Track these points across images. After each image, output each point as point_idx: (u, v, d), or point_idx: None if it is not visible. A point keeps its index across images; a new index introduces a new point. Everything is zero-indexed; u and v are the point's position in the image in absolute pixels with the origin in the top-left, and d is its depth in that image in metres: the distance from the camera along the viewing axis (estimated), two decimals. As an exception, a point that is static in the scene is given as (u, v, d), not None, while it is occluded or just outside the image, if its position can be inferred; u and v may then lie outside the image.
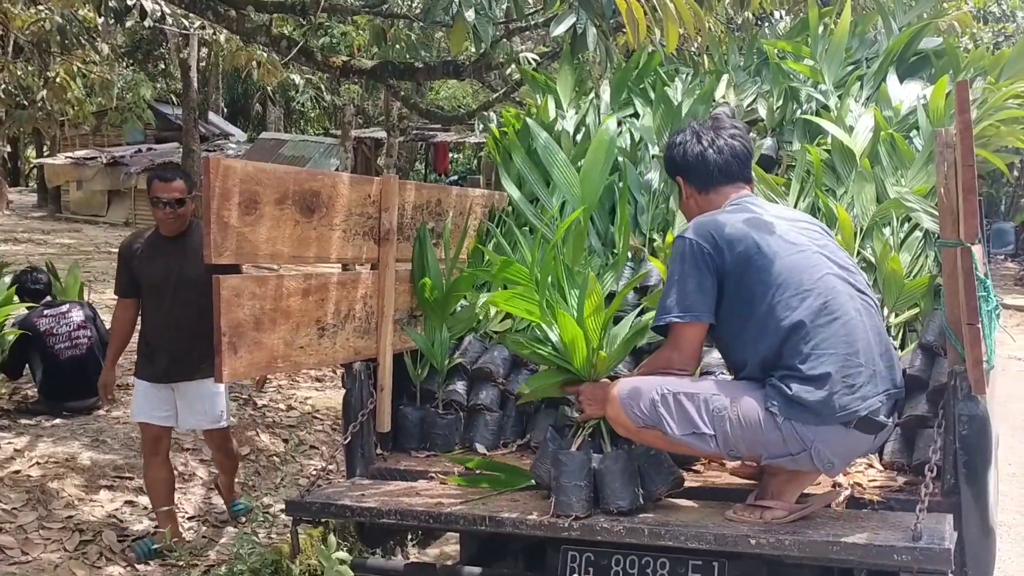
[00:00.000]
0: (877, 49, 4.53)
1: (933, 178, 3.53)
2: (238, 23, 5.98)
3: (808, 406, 2.50)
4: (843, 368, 2.51)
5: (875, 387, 2.55)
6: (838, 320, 2.55)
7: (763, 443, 2.56)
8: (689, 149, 2.86)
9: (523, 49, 7.24)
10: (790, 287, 2.58)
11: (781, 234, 2.67)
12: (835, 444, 2.54)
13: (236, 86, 29.57)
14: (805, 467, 2.59)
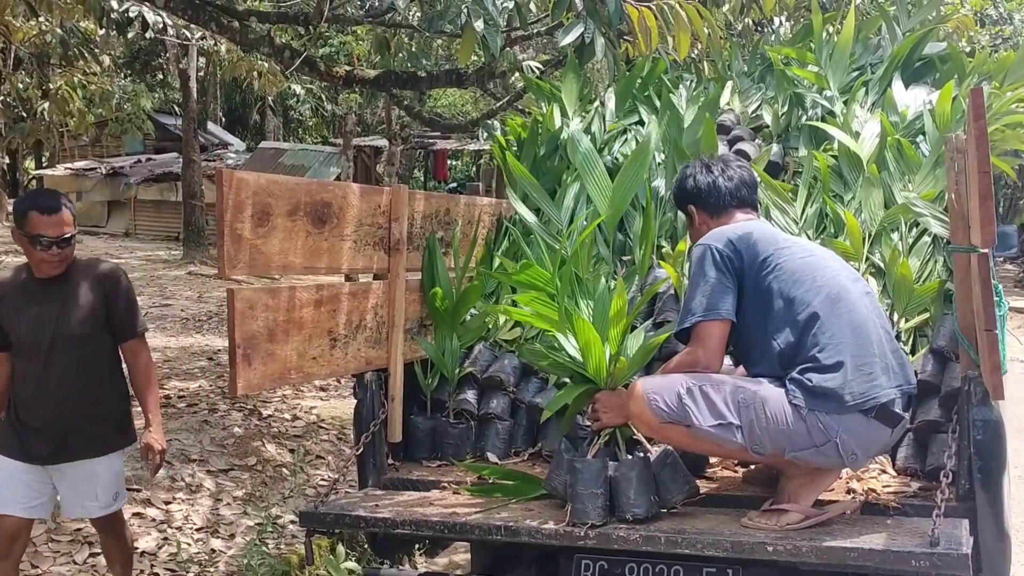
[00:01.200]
0: (881, 55, 4.54)
1: (940, 183, 3.55)
2: (241, 34, 5.99)
3: (829, 395, 2.55)
4: (857, 357, 2.58)
5: (889, 380, 2.60)
6: (851, 313, 2.64)
7: (788, 435, 2.58)
8: (700, 179, 3.04)
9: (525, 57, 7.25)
10: (804, 283, 2.68)
11: (793, 239, 2.85)
12: (858, 434, 2.57)
13: (234, 96, 29.60)
14: (830, 459, 2.60)
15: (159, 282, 13.82)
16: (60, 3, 7.24)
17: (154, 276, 14.54)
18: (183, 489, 5.29)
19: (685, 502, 2.82)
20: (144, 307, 11.08)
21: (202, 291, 12.68)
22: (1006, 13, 18.35)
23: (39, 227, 3.27)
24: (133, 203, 22.49)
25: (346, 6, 6.47)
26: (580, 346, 2.90)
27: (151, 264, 16.39)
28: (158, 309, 11.10)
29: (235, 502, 5.27)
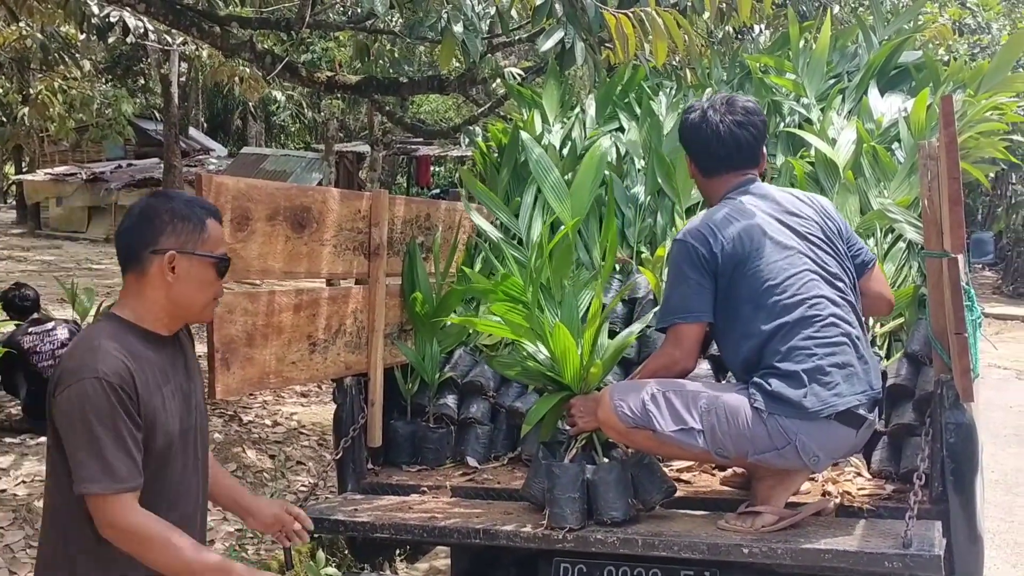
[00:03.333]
0: (858, 63, 4.59)
1: (915, 189, 3.60)
2: (222, 39, 5.99)
3: (788, 401, 2.57)
4: (818, 368, 2.59)
5: (852, 387, 2.61)
6: (817, 322, 2.63)
7: (749, 438, 2.61)
8: (696, 132, 2.89)
9: (506, 64, 7.28)
10: (775, 292, 2.66)
11: (772, 235, 2.72)
12: (818, 437, 2.59)
13: (216, 101, 29.52)
14: (791, 462, 2.62)
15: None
16: (41, 7, 7.21)
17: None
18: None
19: (663, 504, 2.85)
20: (124, 313, 11.07)
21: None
22: (984, 23, 18.54)
23: (221, 243, 2.18)
24: (114, 208, 22.35)
25: (328, 12, 6.48)
26: (556, 353, 2.92)
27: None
28: (138, 315, 11.03)
29: (214, 508, 5.24)
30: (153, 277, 2.06)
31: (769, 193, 2.87)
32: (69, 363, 1.97)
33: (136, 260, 2.07)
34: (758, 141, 2.88)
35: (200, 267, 2.10)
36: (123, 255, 2.10)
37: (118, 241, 2.12)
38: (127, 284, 2.11)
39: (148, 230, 2.07)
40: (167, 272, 2.05)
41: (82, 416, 1.92)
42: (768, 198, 2.83)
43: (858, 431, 2.66)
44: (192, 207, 2.12)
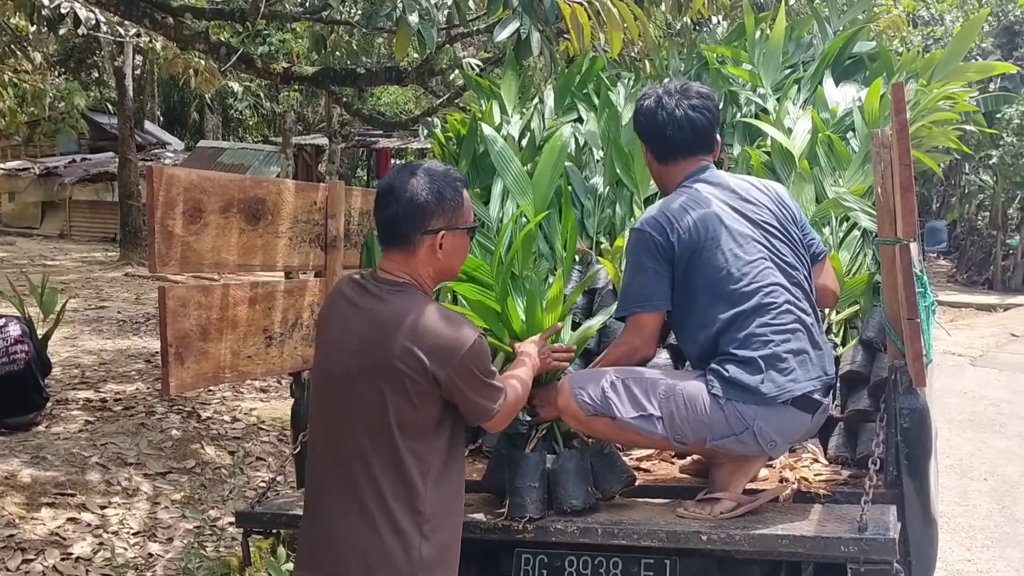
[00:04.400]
0: (813, 53, 4.62)
1: (870, 178, 3.63)
2: (175, 30, 5.89)
3: (745, 387, 2.61)
4: (774, 355, 2.63)
5: (807, 372, 2.65)
6: (773, 310, 2.67)
7: (708, 424, 2.63)
8: (651, 118, 2.89)
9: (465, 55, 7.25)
10: (731, 281, 2.69)
11: (728, 224, 2.75)
12: (775, 422, 2.62)
13: (172, 94, 29.12)
14: (749, 447, 2.65)
15: (95, 284, 13.55)
16: (-12, -2, 7.06)
17: (90, 278, 14.25)
18: (119, 493, 5.20)
19: (623, 493, 2.85)
20: (80, 309, 10.91)
21: (139, 293, 12.47)
22: (937, 14, 18.83)
23: (471, 209, 2.41)
24: (68, 204, 22.01)
25: (284, 2, 6.41)
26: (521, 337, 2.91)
27: (87, 266, 16.06)
28: (94, 311, 10.89)
29: (173, 505, 5.20)
30: (423, 254, 2.27)
31: (724, 181, 2.88)
32: (448, 333, 2.21)
33: (406, 241, 2.27)
34: (712, 126, 2.90)
35: (462, 238, 2.33)
36: (389, 236, 2.30)
37: (386, 224, 2.28)
38: (391, 257, 2.31)
39: (419, 214, 2.24)
40: (437, 249, 2.26)
41: (485, 369, 2.27)
42: (723, 186, 2.85)
43: (813, 416, 2.68)
44: (451, 182, 2.31)
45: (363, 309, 2.26)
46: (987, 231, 20.54)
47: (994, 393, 9.04)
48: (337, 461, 2.26)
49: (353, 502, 2.23)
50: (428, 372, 2.19)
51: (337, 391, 2.27)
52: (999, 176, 18.94)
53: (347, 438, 2.24)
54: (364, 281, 2.32)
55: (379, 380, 2.19)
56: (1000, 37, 20.05)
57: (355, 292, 2.31)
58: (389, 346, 2.18)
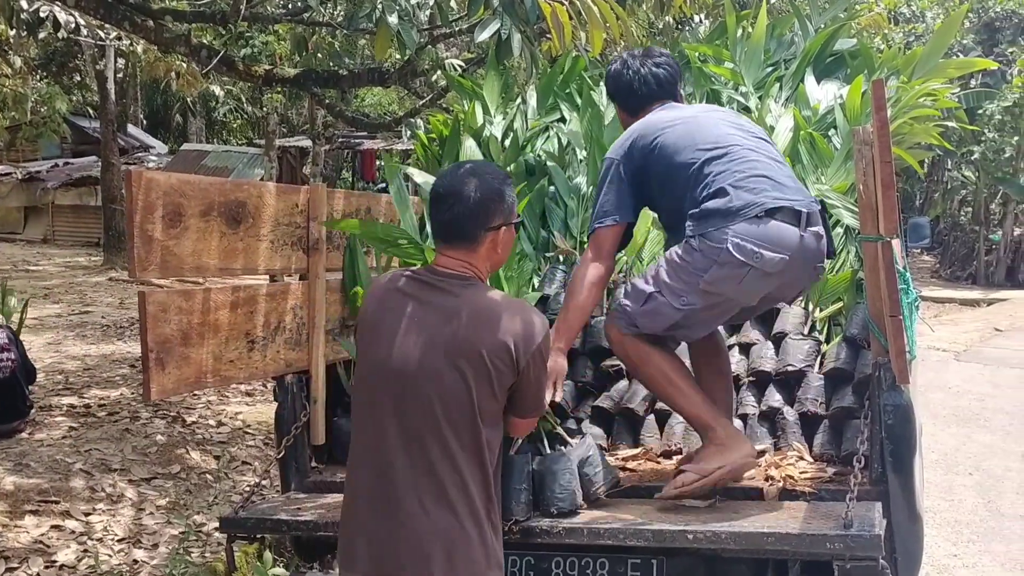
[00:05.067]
0: (794, 51, 4.63)
1: (852, 175, 3.64)
2: (156, 33, 5.85)
3: (714, 212, 2.72)
4: (742, 182, 2.74)
5: (782, 193, 2.74)
6: (736, 154, 2.80)
7: (692, 268, 2.74)
8: (618, 78, 3.14)
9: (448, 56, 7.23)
10: (695, 142, 2.84)
11: (682, 111, 3.01)
12: (754, 233, 2.67)
13: (155, 97, 28.96)
14: (736, 268, 2.68)
15: (79, 288, 13.46)
16: (-34, 2, 7.00)
17: (73, 283, 14.15)
18: (104, 499, 5.17)
19: (609, 493, 2.84)
20: (63, 314, 10.83)
21: (123, 297, 12.39)
22: (919, 11, 18.93)
23: None
24: (51, 208, 21.86)
25: (265, 5, 6.37)
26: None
27: (71, 271, 15.94)
28: (78, 316, 10.82)
29: (158, 511, 5.16)
30: (485, 250, 2.38)
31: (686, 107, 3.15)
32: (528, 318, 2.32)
33: (470, 239, 2.36)
34: (675, 78, 3.14)
35: (512, 232, 2.45)
36: (452, 234, 2.37)
37: (450, 224, 2.35)
38: (450, 254, 2.38)
39: (484, 214, 2.35)
40: (497, 244, 2.38)
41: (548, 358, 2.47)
42: (686, 109, 3.11)
43: (800, 229, 2.71)
44: (505, 180, 2.44)
45: (432, 303, 2.32)
46: (970, 226, 20.64)
47: (978, 388, 9.08)
48: (411, 453, 2.26)
49: (433, 493, 2.25)
50: (514, 360, 2.28)
51: (409, 383, 2.27)
52: (981, 172, 19.04)
53: (426, 429, 2.25)
54: (422, 277, 2.38)
55: (465, 370, 2.25)
56: (981, 33, 20.17)
57: (415, 287, 2.37)
58: (475, 337, 2.26)
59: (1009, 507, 5.76)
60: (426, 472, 2.25)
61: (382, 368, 2.32)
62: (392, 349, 2.31)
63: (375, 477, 2.31)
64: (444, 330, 2.27)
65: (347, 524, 2.38)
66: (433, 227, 2.43)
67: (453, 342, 2.26)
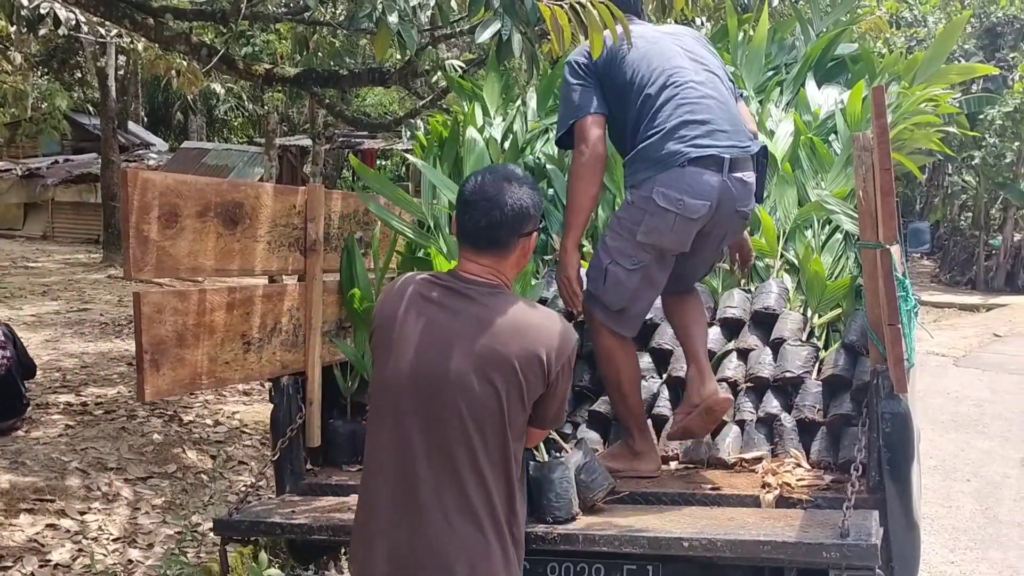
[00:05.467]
0: (795, 55, 4.61)
1: (852, 181, 3.62)
2: (156, 31, 5.84)
3: (644, 158, 2.89)
4: (679, 126, 2.86)
5: (713, 140, 2.85)
6: (682, 89, 2.91)
7: (631, 223, 2.92)
8: None
9: (449, 56, 7.22)
10: (641, 71, 2.96)
11: (642, 34, 3.03)
12: (676, 181, 2.84)
13: (157, 95, 28.95)
14: (663, 217, 2.85)
15: (78, 286, 13.44)
16: (-34, -1, 6.97)
17: (73, 280, 14.14)
18: (99, 499, 5.15)
19: (606, 500, 2.83)
20: (62, 311, 10.82)
21: (122, 295, 12.37)
22: (920, 16, 18.92)
23: None
24: (51, 205, 21.84)
25: (266, 3, 6.36)
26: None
27: (70, 268, 15.93)
28: (76, 313, 10.80)
29: (154, 511, 5.15)
30: (515, 256, 2.34)
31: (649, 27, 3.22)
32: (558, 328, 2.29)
33: (503, 246, 2.30)
34: None
35: (535, 238, 2.40)
36: (484, 240, 2.30)
37: (484, 230, 2.29)
38: (478, 261, 2.31)
39: (519, 222, 2.30)
40: (527, 250, 2.35)
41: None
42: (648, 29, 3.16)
43: (723, 175, 2.85)
44: (536, 186, 2.40)
45: (458, 311, 2.25)
46: (970, 231, 20.64)
47: (977, 393, 9.07)
48: (436, 463, 2.20)
49: (458, 505, 2.19)
50: (546, 371, 2.25)
51: (437, 393, 2.21)
52: (981, 177, 19.03)
53: (454, 440, 2.19)
54: (447, 283, 2.31)
55: (496, 382, 2.19)
56: (982, 39, 20.17)
57: (440, 294, 2.29)
58: (506, 347, 2.21)
59: (1007, 514, 5.74)
60: (452, 483, 2.19)
61: (408, 375, 2.24)
62: (420, 356, 2.23)
63: (397, 485, 2.23)
64: (475, 340, 2.21)
65: (364, 530, 2.31)
66: (463, 234, 2.33)
67: (484, 353, 2.20)
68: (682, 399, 3.18)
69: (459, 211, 2.35)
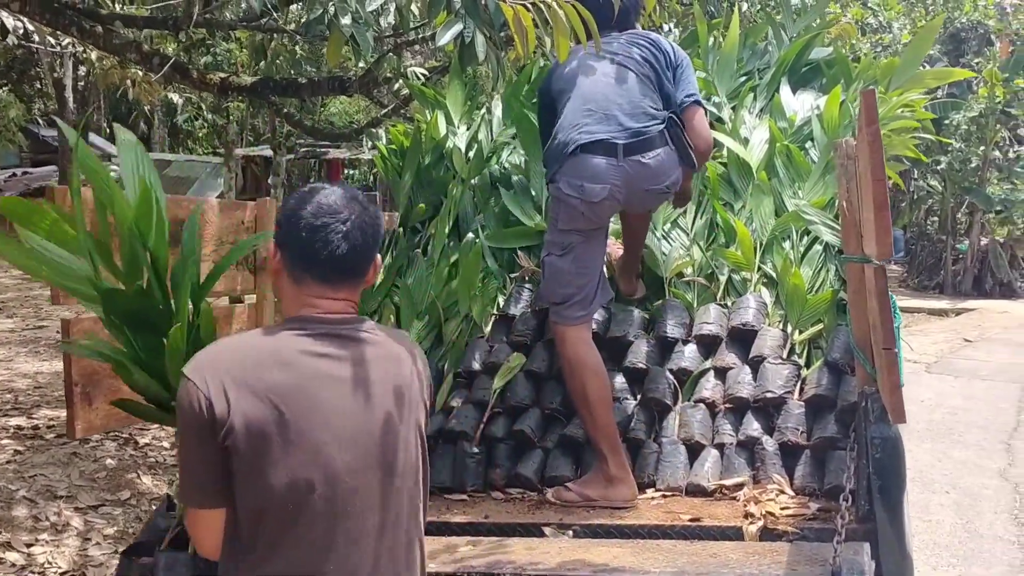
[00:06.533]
0: (768, 60, 4.46)
1: (831, 189, 3.48)
2: (105, 39, 5.60)
3: (550, 154, 3.12)
4: (573, 116, 3.07)
5: (604, 126, 3.01)
6: (584, 85, 3.13)
7: (554, 216, 3.11)
8: None
9: (412, 64, 7.03)
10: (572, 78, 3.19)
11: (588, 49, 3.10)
12: (574, 169, 3.01)
13: (120, 106, 28.47)
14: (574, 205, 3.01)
15: (34, 303, 13.06)
16: (-93, 6, 6.70)
17: (29, 296, 13.75)
18: (47, 529, 4.89)
19: (581, 532, 2.65)
20: (17, 329, 10.48)
21: (79, 311, 12.04)
22: (886, 22, 18.99)
23: None
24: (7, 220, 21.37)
25: (223, 11, 6.14)
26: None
27: (26, 283, 15.50)
28: (32, 331, 10.46)
29: (105, 541, 4.90)
30: (369, 277, 1.95)
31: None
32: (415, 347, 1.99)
33: (362, 274, 1.91)
34: None
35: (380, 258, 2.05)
36: (349, 270, 1.87)
37: (352, 258, 1.85)
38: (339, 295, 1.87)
39: (376, 244, 1.94)
40: (377, 271, 1.98)
41: None
42: None
43: (618, 160, 2.99)
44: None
45: (351, 359, 1.81)
46: (937, 236, 20.71)
47: (950, 401, 8.99)
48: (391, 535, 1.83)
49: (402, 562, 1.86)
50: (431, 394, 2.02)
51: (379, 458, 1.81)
52: (948, 181, 19.11)
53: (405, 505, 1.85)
54: (321, 329, 1.82)
55: (416, 422, 1.88)
56: (947, 44, 20.27)
57: (324, 346, 1.80)
58: (407, 382, 1.87)
59: (987, 528, 5.63)
60: (406, 547, 1.87)
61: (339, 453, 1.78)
62: (341, 426, 1.78)
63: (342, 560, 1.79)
64: (383, 385, 1.85)
65: None
66: (311, 265, 1.83)
67: (396, 395, 1.85)
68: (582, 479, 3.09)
69: (303, 238, 1.83)
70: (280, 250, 1.87)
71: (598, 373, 3.07)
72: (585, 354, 3.07)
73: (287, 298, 1.89)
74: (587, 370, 3.05)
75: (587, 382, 3.03)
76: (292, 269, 1.85)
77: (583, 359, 3.06)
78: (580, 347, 3.09)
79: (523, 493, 3.13)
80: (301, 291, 1.85)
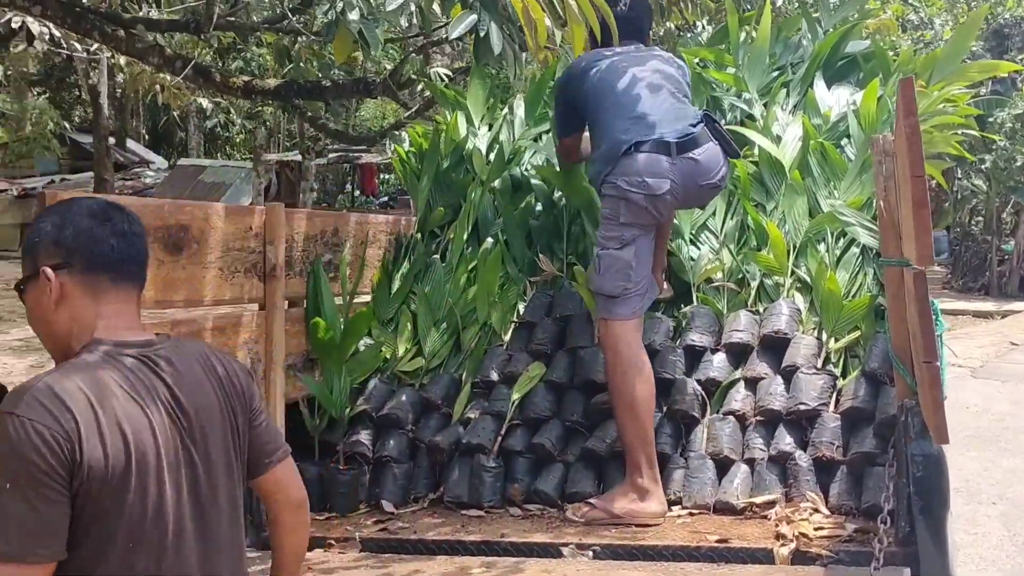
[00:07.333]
0: (802, 54, 4.27)
1: (868, 189, 3.30)
2: (127, 43, 5.55)
3: (604, 159, 3.11)
4: (619, 124, 3.10)
5: (653, 129, 3.05)
6: (632, 88, 3.16)
7: (612, 214, 3.09)
8: None
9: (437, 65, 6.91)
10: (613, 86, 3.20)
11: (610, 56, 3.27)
12: (629, 168, 3.02)
13: (157, 112, 28.74)
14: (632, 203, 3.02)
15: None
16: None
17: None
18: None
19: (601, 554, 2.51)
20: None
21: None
22: (927, 18, 18.60)
23: None
24: (47, 225, 21.58)
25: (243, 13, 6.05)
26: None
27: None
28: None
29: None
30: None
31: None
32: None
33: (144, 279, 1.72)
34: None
35: None
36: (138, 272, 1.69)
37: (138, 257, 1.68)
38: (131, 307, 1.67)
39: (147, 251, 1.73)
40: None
41: None
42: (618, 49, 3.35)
43: (671, 157, 3.01)
44: None
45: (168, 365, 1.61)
46: (982, 237, 20.24)
47: (998, 407, 8.69)
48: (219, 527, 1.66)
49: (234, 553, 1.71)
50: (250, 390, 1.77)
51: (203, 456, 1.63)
52: (992, 181, 18.64)
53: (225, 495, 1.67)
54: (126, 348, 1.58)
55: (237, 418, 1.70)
56: (990, 40, 19.80)
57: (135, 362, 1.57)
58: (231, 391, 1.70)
59: (1037, 541, 5.38)
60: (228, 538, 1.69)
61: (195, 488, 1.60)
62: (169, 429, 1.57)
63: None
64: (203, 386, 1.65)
65: None
66: (107, 265, 1.61)
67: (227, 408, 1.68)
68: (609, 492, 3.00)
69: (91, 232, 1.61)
70: (63, 270, 1.59)
71: (649, 379, 2.98)
72: (637, 355, 3.00)
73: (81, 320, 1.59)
74: (639, 373, 2.95)
75: (637, 384, 2.94)
76: (87, 280, 1.60)
77: (635, 360, 2.97)
78: (634, 346, 3.00)
79: (542, 510, 3.01)
80: (100, 306, 1.59)
